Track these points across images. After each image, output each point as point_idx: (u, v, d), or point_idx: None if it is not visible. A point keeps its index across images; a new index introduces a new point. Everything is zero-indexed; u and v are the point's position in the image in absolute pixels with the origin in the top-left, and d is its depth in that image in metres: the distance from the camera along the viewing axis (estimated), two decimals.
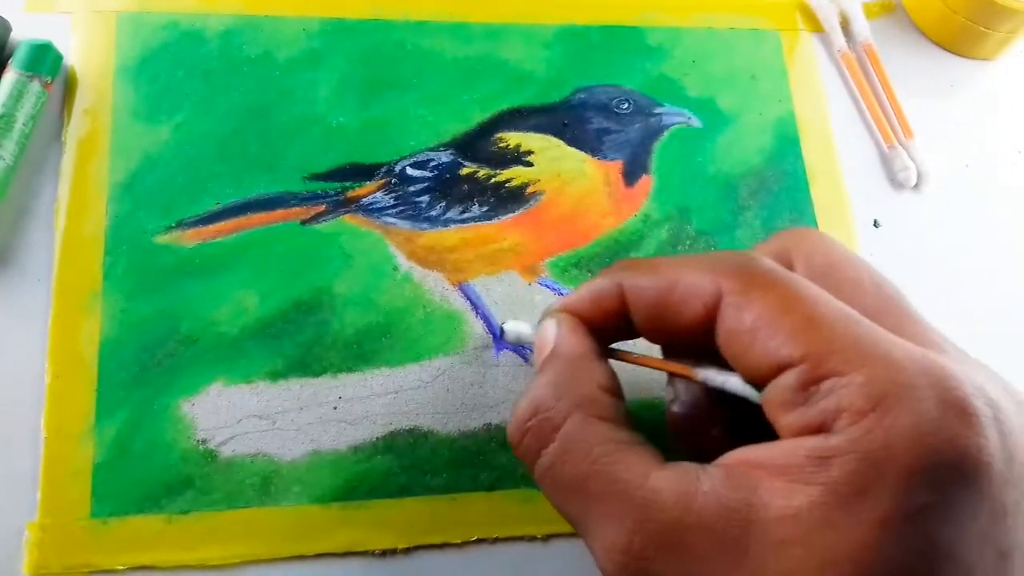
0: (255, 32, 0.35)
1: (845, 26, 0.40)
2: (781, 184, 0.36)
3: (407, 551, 0.29)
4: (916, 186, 0.38)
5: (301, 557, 0.28)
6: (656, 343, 0.23)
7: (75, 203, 0.31)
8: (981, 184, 0.39)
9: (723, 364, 0.21)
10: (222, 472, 0.28)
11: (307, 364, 0.30)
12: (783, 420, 0.18)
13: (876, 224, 0.37)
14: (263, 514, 0.28)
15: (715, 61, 0.38)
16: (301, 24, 0.35)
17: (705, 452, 0.20)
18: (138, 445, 0.28)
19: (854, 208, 0.37)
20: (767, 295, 0.19)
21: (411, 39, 0.36)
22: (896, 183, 0.38)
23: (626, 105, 0.36)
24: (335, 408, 0.30)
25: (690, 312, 0.20)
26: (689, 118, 0.37)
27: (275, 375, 0.30)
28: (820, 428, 0.17)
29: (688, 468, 0.19)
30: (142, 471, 0.28)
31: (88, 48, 0.33)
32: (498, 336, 0.31)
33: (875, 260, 0.36)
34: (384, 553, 0.28)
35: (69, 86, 0.32)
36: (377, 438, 0.30)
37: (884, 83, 0.39)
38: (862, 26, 0.40)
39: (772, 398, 0.18)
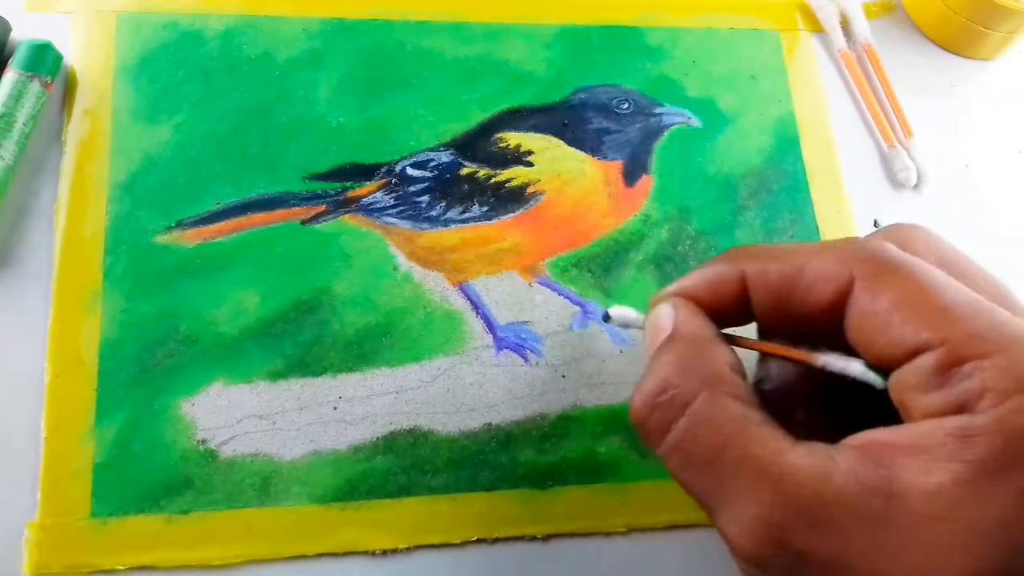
0: (255, 32, 0.35)
1: (845, 26, 0.40)
2: (781, 184, 0.36)
3: (407, 551, 0.29)
4: (916, 186, 0.38)
5: (301, 557, 0.28)
6: (771, 328, 0.23)
7: (75, 203, 0.31)
8: (981, 184, 0.39)
9: (835, 349, 0.21)
10: (222, 472, 0.28)
11: (307, 364, 0.30)
12: (919, 402, 0.18)
13: (876, 224, 0.37)
14: (263, 514, 0.28)
15: (715, 61, 0.38)
16: (301, 24, 0.35)
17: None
18: (138, 445, 0.28)
19: (854, 208, 0.37)
20: (902, 281, 0.19)
21: (411, 39, 0.36)
22: (896, 183, 0.38)
23: (626, 105, 0.36)
24: (335, 408, 0.30)
25: (819, 296, 0.20)
26: (689, 118, 0.37)
27: (275, 375, 0.30)
28: (962, 408, 0.18)
29: (821, 447, 0.19)
30: (142, 471, 0.28)
31: (88, 48, 0.33)
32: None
33: None
34: (384, 553, 0.28)
35: (69, 86, 0.32)
36: (377, 438, 0.30)
37: (884, 83, 0.39)
38: (862, 26, 0.40)
39: (906, 381, 0.19)
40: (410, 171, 0.34)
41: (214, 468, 0.28)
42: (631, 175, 0.35)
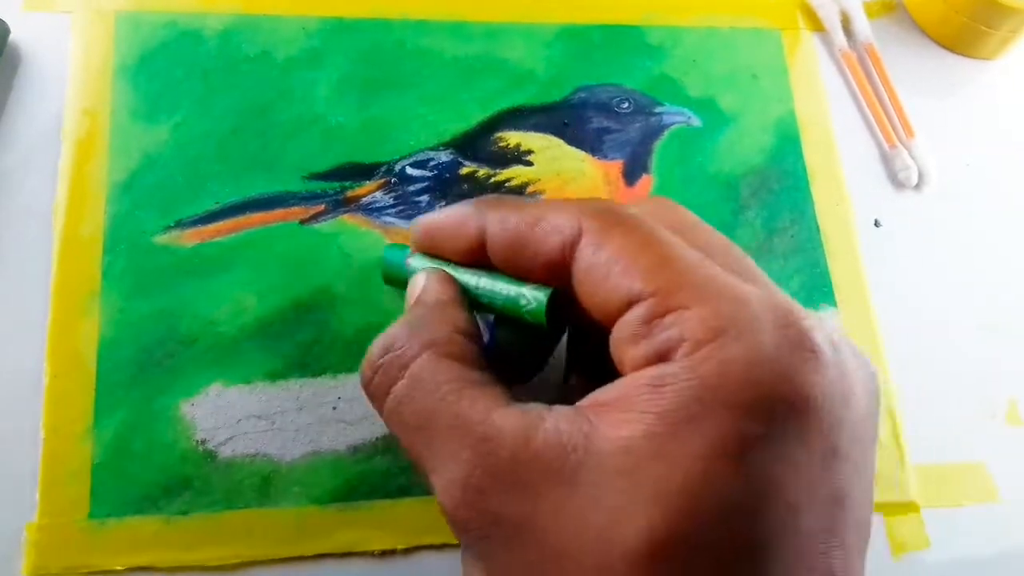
0: (254, 31, 0.35)
1: (846, 25, 0.40)
2: (782, 183, 0.36)
3: (407, 551, 0.28)
4: (917, 186, 0.38)
5: (301, 557, 0.28)
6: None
7: (74, 203, 0.31)
8: (982, 184, 0.39)
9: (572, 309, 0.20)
10: (221, 472, 0.28)
11: (306, 364, 0.30)
12: (629, 354, 0.18)
13: (877, 224, 0.37)
14: (262, 514, 0.28)
15: (716, 60, 0.38)
16: (300, 23, 0.35)
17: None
18: (137, 445, 0.28)
19: (855, 208, 0.37)
20: (626, 235, 0.19)
21: (411, 38, 0.36)
22: (897, 183, 0.38)
23: (626, 104, 0.36)
24: (335, 408, 0.30)
25: (548, 248, 0.20)
26: (689, 118, 0.37)
27: (274, 375, 0.30)
28: (661, 358, 0.17)
29: (536, 408, 0.18)
30: (141, 471, 0.28)
31: (87, 48, 0.33)
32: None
33: (876, 260, 0.36)
34: (384, 553, 0.28)
35: (69, 86, 0.32)
36: (377, 438, 0.29)
37: (885, 82, 0.39)
38: (863, 25, 0.40)
39: (620, 334, 0.18)
40: (409, 170, 0.33)
41: (213, 468, 0.28)
42: (631, 175, 0.35)
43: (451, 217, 0.22)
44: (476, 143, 0.34)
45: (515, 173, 0.34)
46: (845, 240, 0.36)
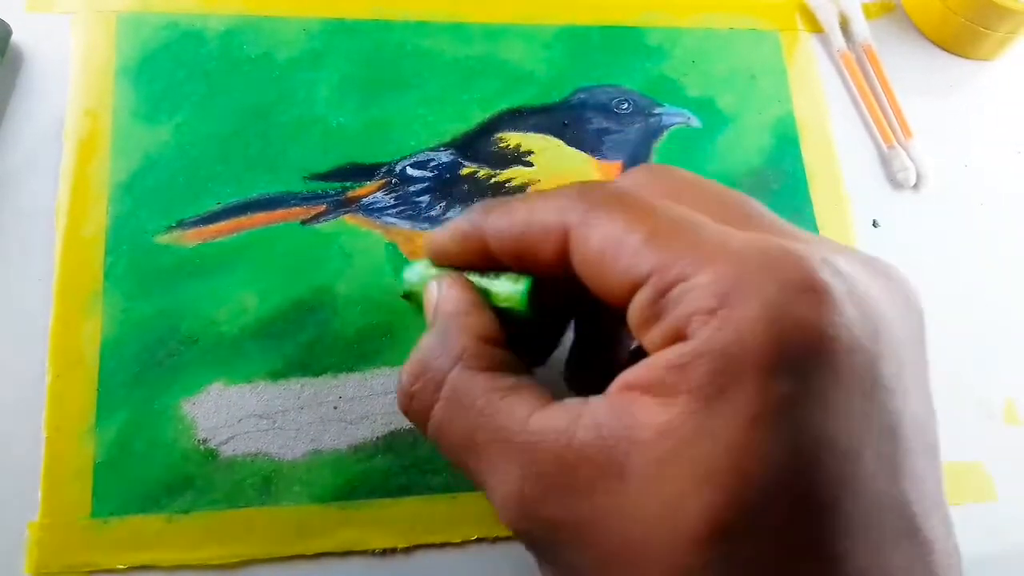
0: (255, 32, 0.35)
1: (844, 26, 0.40)
2: (780, 184, 0.36)
3: (407, 551, 0.29)
4: (915, 186, 0.38)
5: (301, 557, 0.28)
6: None
7: (76, 203, 0.31)
8: (981, 184, 0.39)
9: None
10: (222, 472, 0.28)
11: (308, 364, 0.30)
12: (646, 338, 0.17)
13: (875, 224, 0.37)
14: (263, 514, 0.28)
15: (715, 61, 0.38)
16: (301, 24, 0.35)
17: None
18: (139, 445, 0.28)
19: (853, 208, 0.37)
20: (611, 216, 0.18)
21: (411, 39, 0.36)
22: (895, 183, 0.38)
23: (626, 105, 0.36)
24: (336, 408, 0.30)
25: (546, 253, 0.19)
26: (689, 118, 0.37)
27: (276, 375, 0.30)
28: (678, 337, 0.17)
29: (570, 404, 0.18)
30: (143, 471, 0.28)
31: (88, 48, 0.33)
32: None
33: None
34: (384, 553, 0.28)
35: (71, 86, 0.33)
36: (378, 438, 0.30)
37: (883, 83, 0.39)
38: (861, 26, 0.40)
39: (633, 319, 0.18)
40: (410, 171, 0.34)
41: (215, 467, 0.28)
42: None
43: (453, 235, 0.22)
44: (476, 144, 0.35)
45: (515, 173, 0.34)
46: (843, 240, 0.36)
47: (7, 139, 0.32)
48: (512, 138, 0.35)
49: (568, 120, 0.36)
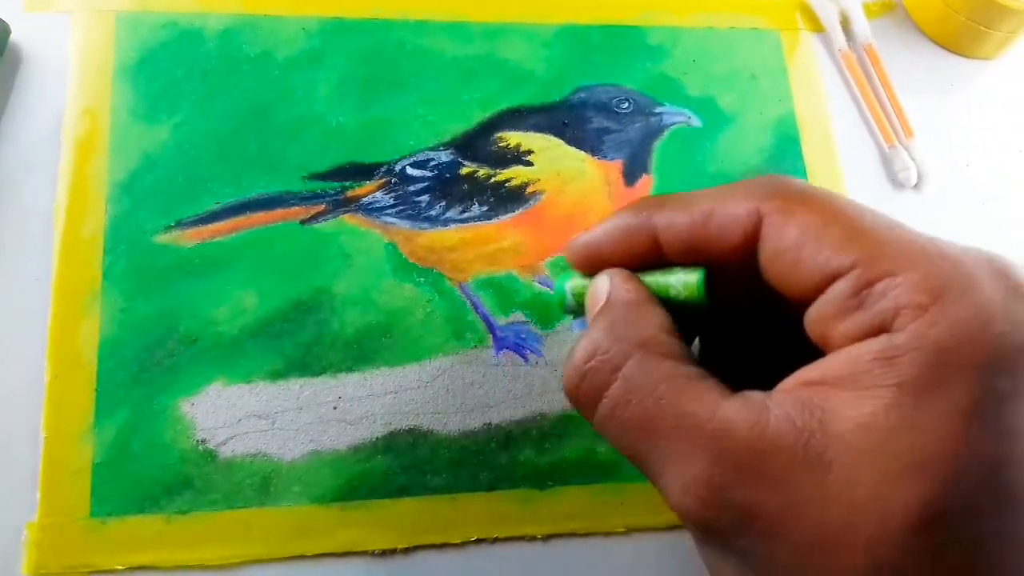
0: (254, 31, 0.35)
1: (845, 26, 0.40)
2: None
3: (407, 551, 0.28)
4: (916, 186, 0.38)
5: (301, 557, 0.28)
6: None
7: (74, 203, 0.31)
8: (981, 184, 0.39)
9: (757, 297, 0.20)
10: (222, 472, 0.28)
11: (307, 364, 0.30)
12: (839, 330, 0.18)
13: None
14: (263, 514, 0.28)
15: (715, 60, 0.38)
16: (300, 23, 0.35)
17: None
18: (137, 445, 0.28)
19: None
20: (809, 210, 0.19)
21: (411, 39, 0.36)
22: (896, 183, 0.38)
23: (626, 104, 0.36)
24: (335, 408, 0.30)
25: (730, 241, 0.20)
26: (689, 117, 0.37)
27: (275, 375, 0.30)
28: (880, 329, 0.17)
29: (754, 396, 0.18)
30: (141, 471, 0.28)
31: (87, 48, 0.33)
32: (495, 331, 0.31)
33: None
34: (384, 553, 0.28)
35: (69, 86, 0.32)
36: (377, 438, 0.30)
37: (884, 83, 0.39)
38: (862, 26, 0.40)
39: (824, 312, 0.18)
40: (410, 170, 0.34)
41: (214, 468, 0.28)
42: (631, 174, 0.35)
43: (613, 231, 0.22)
44: (476, 143, 0.34)
45: (515, 173, 0.34)
46: None
47: (5, 139, 0.32)
48: (512, 137, 0.35)
49: (568, 119, 0.35)
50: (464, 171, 0.34)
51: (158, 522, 0.27)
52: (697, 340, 0.24)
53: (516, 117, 0.35)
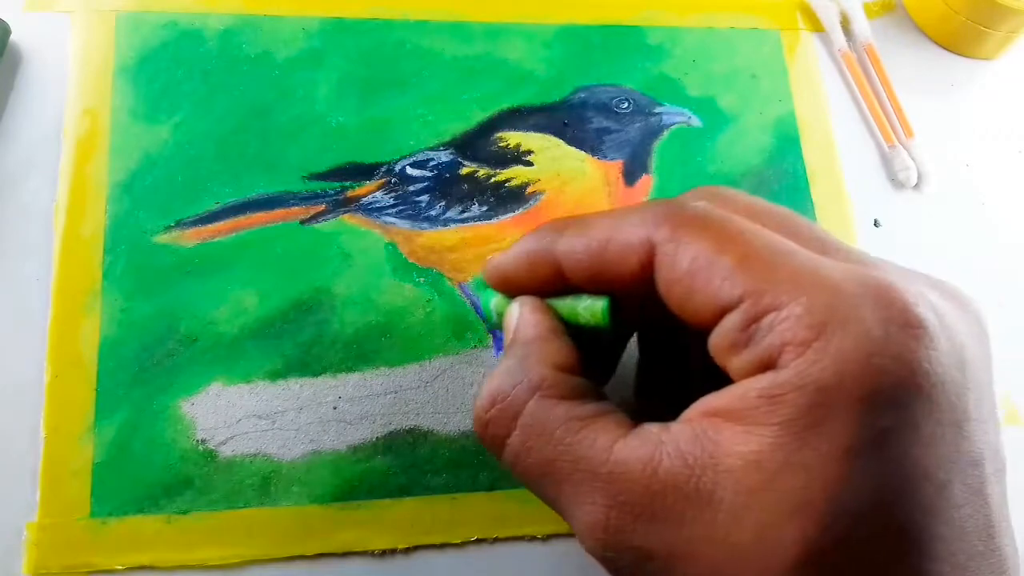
0: (254, 31, 0.35)
1: (845, 25, 0.40)
2: (781, 183, 0.36)
3: (407, 551, 0.28)
4: (916, 186, 0.38)
5: (301, 557, 0.28)
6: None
7: (74, 203, 0.31)
8: (982, 184, 0.39)
9: (673, 321, 0.20)
10: (222, 472, 0.28)
11: (307, 364, 0.30)
12: (733, 364, 0.17)
13: (876, 224, 0.37)
14: (263, 514, 0.28)
15: (715, 60, 0.38)
16: (301, 23, 0.35)
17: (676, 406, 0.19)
18: (137, 445, 0.28)
19: (854, 208, 0.37)
20: (700, 237, 0.18)
21: (411, 38, 0.36)
22: (896, 183, 0.38)
23: (626, 104, 0.36)
24: (335, 408, 0.30)
25: (626, 269, 0.19)
26: (689, 117, 0.37)
27: (275, 375, 0.30)
28: (767, 366, 0.17)
29: (651, 431, 0.18)
30: (141, 471, 0.28)
31: (87, 47, 0.33)
32: (498, 338, 0.31)
33: None
34: (384, 553, 0.28)
35: (69, 86, 0.32)
36: (377, 438, 0.30)
37: (884, 83, 0.39)
38: (862, 26, 0.40)
39: (719, 343, 0.18)
40: (410, 170, 0.34)
41: (214, 468, 0.28)
42: (631, 174, 0.35)
43: (519, 256, 0.22)
44: (476, 143, 0.34)
45: (515, 173, 0.34)
46: (844, 240, 0.36)
47: (6, 138, 0.32)
48: (512, 137, 0.35)
49: (568, 119, 0.35)
50: (464, 171, 0.34)
51: (158, 522, 0.27)
52: (636, 360, 0.24)
53: (516, 117, 0.35)
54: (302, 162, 0.33)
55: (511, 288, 0.22)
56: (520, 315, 0.21)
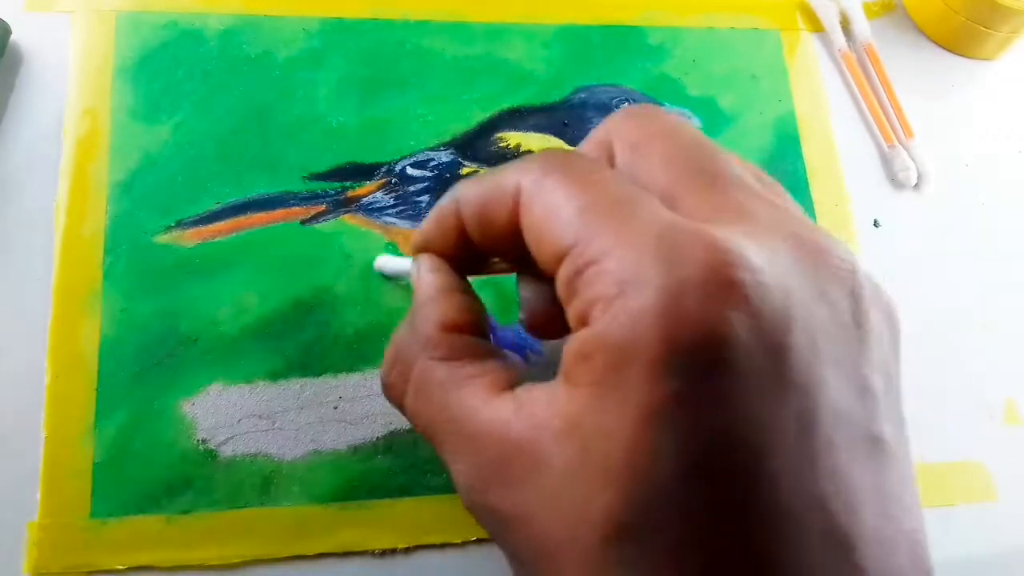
0: (255, 31, 0.35)
1: (845, 26, 0.40)
2: (781, 183, 0.36)
3: (407, 551, 0.29)
4: (916, 186, 0.38)
5: (301, 557, 0.28)
6: (493, 256, 0.22)
7: (75, 203, 0.31)
8: (981, 184, 0.39)
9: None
10: (222, 472, 0.28)
11: (307, 364, 0.30)
12: (568, 316, 0.17)
13: (876, 224, 0.37)
14: (263, 514, 0.28)
15: (715, 61, 0.38)
16: (301, 23, 0.35)
17: None
18: (138, 445, 0.28)
19: (854, 208, 0.37)
20: (557, 185, 0.17)
21: (411, 39, 0.36)
22: (896, 183, 0.38)
23: (626, 105, 0.36)
24: (335, 408, 0.30)
25: (500, 216, 0.19)
26: (690, 117, 0.37)
27: (275, 375, 0.30)
28: (584, 322, 0.16)
29: (519, 393, 0.17)
30: (142, 471, 0.28)
31: (87, 47, 0.33)
32: (496, 331, 0.31)
33: (875, 260, 0.36)
34: (384, 553, 0.28)
35: (70, 86, 0.32)
36: (377, 438, 0.30)
37: (884, 83, 0.39)
38: (862, 26, 0.40)
39: (559, 292, 0.17)
40: (410, 171, 0.34)
41: (214, 468, 0.28)
42: None
43: (431, 216, 0.21)
44: (476, 143, 0.34)
45: None
46: (844, 239, 0.36)
47: (6, 138, 0.32)
48: (512, 137, 0.35)
49: (568, 120, 0.35)
50: (464, 171, 0.34)
51: (158, 522, 0.27)
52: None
53: (516, 117, 0.35)
54: (302, 162, 0.33)
55: (428, 251, 0.22)
56: (419, 275, 0.21)
